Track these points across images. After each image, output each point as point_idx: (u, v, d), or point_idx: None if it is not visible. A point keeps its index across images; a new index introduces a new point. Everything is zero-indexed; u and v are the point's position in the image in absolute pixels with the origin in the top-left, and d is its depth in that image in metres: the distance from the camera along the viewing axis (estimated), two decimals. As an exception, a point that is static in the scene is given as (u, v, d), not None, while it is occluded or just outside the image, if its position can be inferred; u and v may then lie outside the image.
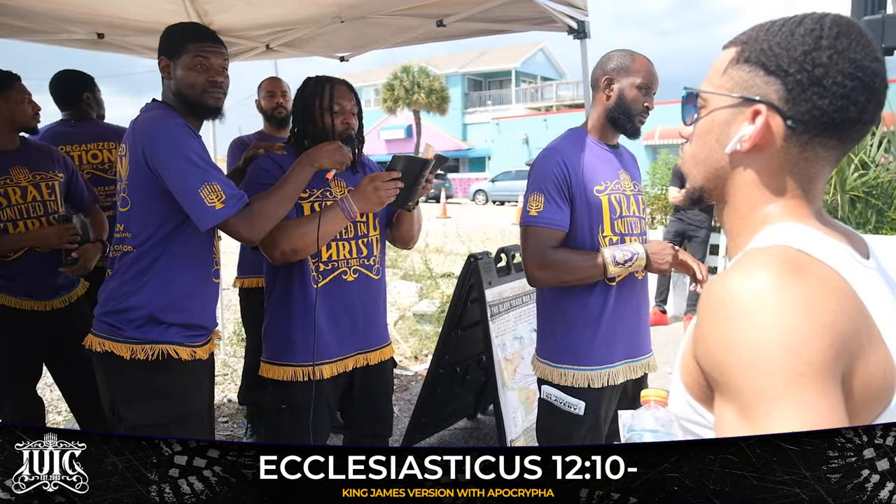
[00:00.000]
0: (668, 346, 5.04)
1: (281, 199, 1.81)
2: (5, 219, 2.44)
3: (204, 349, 1.90)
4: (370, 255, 2.06)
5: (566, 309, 2.00)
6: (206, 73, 1.80)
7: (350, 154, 1.96)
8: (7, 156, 2.47)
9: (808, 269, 0.69)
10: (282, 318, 1.99)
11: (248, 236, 1.78)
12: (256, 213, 1.76)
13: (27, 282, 2.49)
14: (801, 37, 0.75)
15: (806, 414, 0.63)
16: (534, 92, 37.00)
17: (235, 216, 1.72)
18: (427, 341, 5.10)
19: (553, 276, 1.95)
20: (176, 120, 1.75)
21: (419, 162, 1.93)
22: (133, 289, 1.77)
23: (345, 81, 2.03)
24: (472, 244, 8.90)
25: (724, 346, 0.68)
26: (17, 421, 2.62)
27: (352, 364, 2.05)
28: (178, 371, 1.80)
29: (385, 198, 1.90)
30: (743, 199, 0.81)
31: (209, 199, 1.68)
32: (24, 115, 2.47)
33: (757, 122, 0.76)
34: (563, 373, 2.00)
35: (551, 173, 1.95)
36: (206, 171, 1.70)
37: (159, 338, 1.77)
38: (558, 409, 2.01)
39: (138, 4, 3.07)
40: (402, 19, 3.35)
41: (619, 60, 1.97)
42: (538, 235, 1.94)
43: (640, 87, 1.94)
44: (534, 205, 1.95)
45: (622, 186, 2.02)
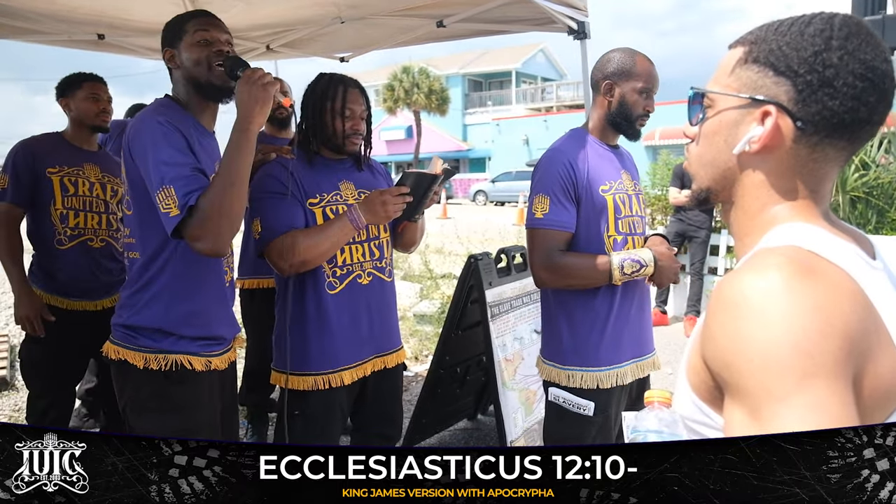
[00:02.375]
0: (668, 346, 5.04)
1: (224, 186, 1.54)
2: (69, 206, 2.62)
3: (221, 359, 1.81)
4: (382, 258, 2.06)
5: (572, 310, 2.00)
6: (210, 46, 1.70)
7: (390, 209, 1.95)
8: (83, 152, 2.70)
9: (819, 270, 0.69)
10: (296, 326, 1.95)
11: (202, 247, 1.55)
12: (205, 214, 1.52)
13: (75, 280, 2.60)
14: (810, 37, 0.74)
15: (816, 415, 0.62)
16: (534, 92, 36.99)
17: (184, 222, 1.52)
18: (427, 342, 5.10)
19: (559, 279, 1.95)
20: (157, 116, 1.62)
21: (428, 178, 1.95)
22: (143, 301, 1.71)
23: (357, 83, 2.03)
24: (472, 245, 8.89)
25: (733, 347, 0.68)
26: (50, 418, 2.67)
27: (370, 368, 2.04)
28: (192, 382, 1.73)
29: (392, 213, 1.92)
30: (751, 200, 0.81)
31: (164, 204, 1.53)
32: (87, 112, 2.66)
33: (767, 124, 0.76)
34: (571, 374, 1.99)
35: (557, 174, 1.94)
36: (169, 170, 1.54)
37: (172, 347, 1.70)
38: (567, 410, 1.99)
39: (139, 5, 3.07)
40: (403, 20, 3.35)
41: (620, 63, 1.96)
42: (545, 237, 1.94)
43: (642, 91, 1.94)
44: (539, 207, 1.94)
45: (624, 186, 2.03)
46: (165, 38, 1.77)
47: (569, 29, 2.86)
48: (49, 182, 2.58)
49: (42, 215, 2.59)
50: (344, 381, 1.96)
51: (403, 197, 1.92)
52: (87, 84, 2.67)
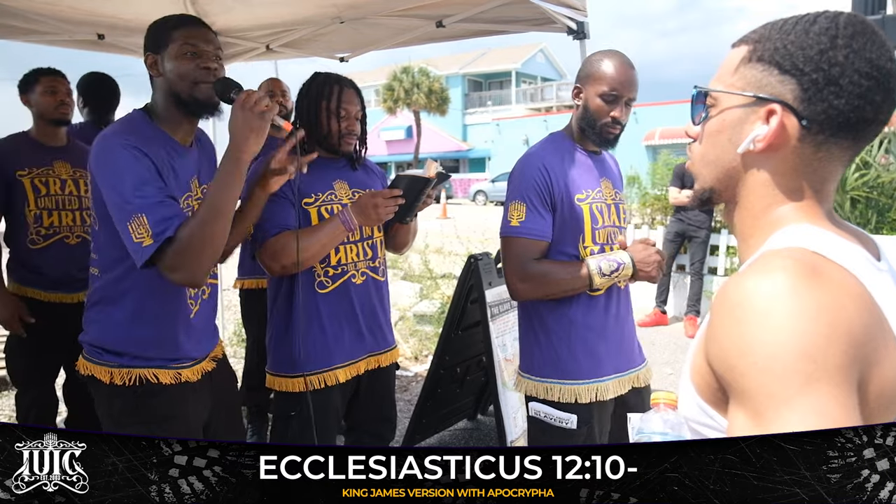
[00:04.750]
0: (668, 346, 5.04)
1: (208, 218, 1.49)
2: (42, 206, 2.59)
3: (192, 370, 1.71)
4: (375, 258, 2.06)
5: (547, 320, 1.90)
6: (197, 59, 1.59)
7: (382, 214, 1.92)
8: (51, 150, 2.66)
9: (826, 273, 0.69)
10: (290, 328, 1.96)
11: (178, 278, 1.51)
12: (183, 246, 1.48)
13: (54, 273, 2.59)
14: (816, 35, 0.74)
15: (819, 420, 0.62)
16: (534, 93, 37.02)
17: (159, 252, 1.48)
18: (427, 342, 5.10)
19: (536, 289, 1.85)
20: (120, 139, 1.53)
21: (421, 181, 1.94)
22: (104, 319, 1.65)
23: (352, 83, 2.02)
24: (471, 245, 8.89)
25: (737, 349, 0.67)
26: (33, 416, 2.66)
27: (363, 367, 2.05)
28: (161, 395, 1.64)
29: (384, 215, 1.91)
30: (755, 200, 0.80)
31: (137, 233, 1.48)
32: (46, 107, 2.62)
33: (772, 122, 0.75)
34: (549, 387, 1.89)
35: (532, 180, 1.84)
36: (138, 199, 1.48)
37: (134, 363, 1.63)
38: (549, 425, 1.90)
39: (139, 5, 3.07)
40: (402, 20, 3.35)
41: (587, 67, 1.86)
42: (520, 246, 1.84)
43: (605, 96, 1.81)
44: (514, 214, 1.85)
45: (603, 195, 1.94)
46: (149, 42, 1.65)
47: (568, 29, 2.85)
48: (20, 185, 2.55)
49: (16, 218, 2.58)
50: (339, 379, 1.97)
51: (395, 200, 1.91)
52: (44, 78, 2.64)
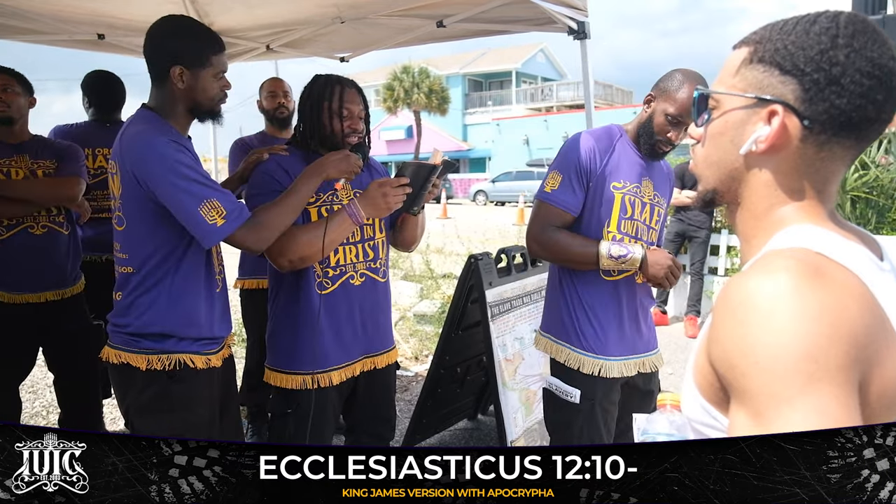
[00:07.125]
0: (668, 346, 5.04)
1: (286, 210, 1.81)
2: None
3: (218, 356, 1.88)
4: (376, 259, 2.05)
5: (567, 288, 2.07)
6: (221, 82, 1.82)
7: (359, 162, 1.95)
8: (7, 146, 2.60)
9: (828, 274, 0.69)
10: (289, 326, 1.97)
11: (254, 248, 1.79)
12: (262, 224, 1.76)
13: (17, 272, 2.53)
14: (816, 35, 0.74)
15: (820, 420, 0.62)
16: (534, 93, 36.98)
17: (240, 230, 1.71)
18: (427, 342, 5.09)
19: (546, 252, 2.04)
20: (162, 138, 1.69)
21: (427, 168, 1.93)
22: (142, 310, 1.76)
23: (354, 83, 2.02)
24: (472, 245, 8.90)
25: (739, 349, 0.67)
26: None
27: (359, 368, 2.05)
28: (192, 380, 1.80)
29: (393, 204, 1.90)
30: (758, 201, 0.80)
31: (210, 216, 1.66)
32: None
33: (773, 123, 0.75)
34: (560, 349, 2.07)
35: (577, 157, 2.00)
36: (204, 187, 1.68)
37: (175, 348, 1.77)
38: (557, 398, 2.07)
39: (139, 5, 3.07)
40: (403, 20, 3.35)
41: (667, 82, 1.97)
42: (545, 211, 2.02)
43: (670, 117, 1.95)
44: (550, 182, 2.02)
45: (641, 192, 2.06)
46: (179, 54, 1.74)
47: (569, 29, 2.86)
48: None
49: None
50: (332, 382, 1.97)
51: (403, 188, 1.90)
52: None
